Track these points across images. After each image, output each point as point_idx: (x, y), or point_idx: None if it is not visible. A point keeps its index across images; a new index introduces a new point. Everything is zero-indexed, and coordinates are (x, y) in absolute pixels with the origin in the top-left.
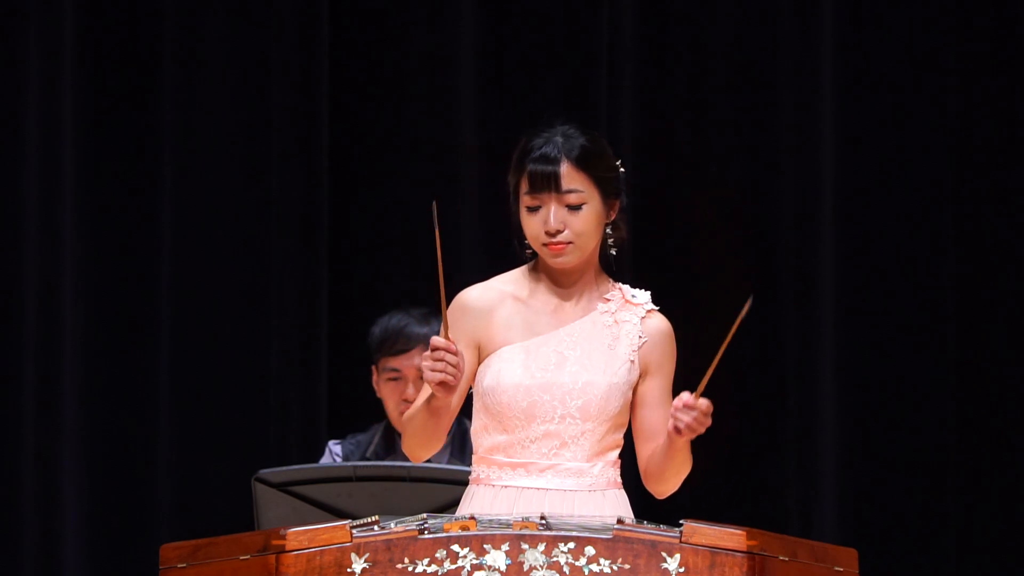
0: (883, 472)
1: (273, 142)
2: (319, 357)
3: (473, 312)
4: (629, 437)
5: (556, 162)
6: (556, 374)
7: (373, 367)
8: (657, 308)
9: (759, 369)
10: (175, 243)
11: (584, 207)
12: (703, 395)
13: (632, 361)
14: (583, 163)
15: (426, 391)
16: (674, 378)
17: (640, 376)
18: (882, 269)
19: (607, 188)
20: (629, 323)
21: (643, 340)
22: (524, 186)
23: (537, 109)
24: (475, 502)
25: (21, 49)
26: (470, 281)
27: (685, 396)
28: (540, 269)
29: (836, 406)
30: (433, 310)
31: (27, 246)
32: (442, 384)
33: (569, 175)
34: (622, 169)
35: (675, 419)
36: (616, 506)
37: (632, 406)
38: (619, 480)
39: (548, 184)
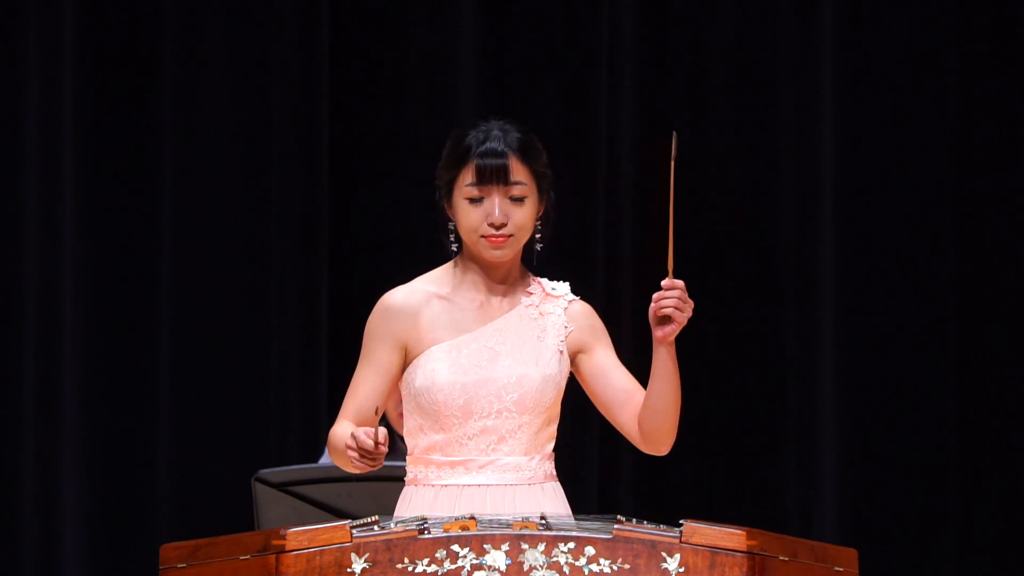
0: (883, 472)
1: (273, 142)
2: (319, 357)
3: (399, 315)
4: (562, 431)
5: (504, 155)
6: (490, 369)
7: None
8: (578, 298)
9: (759, 369)
10: (175, 243)
11: (526, 200)
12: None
13: (561, 352)
14: (525, 156)
15: (342, 435)
16: (645, 357)
17: (582, 355)
18: (882, 269)
19: (542, 184)
20: (553, 315)
21: (569, 329)
22: (468, 178)
23: (537, 109)
24: (414, 504)
25: (21, 49)
26: None
27: (664, 282)
28: (465, 266)
29: (836, 406)
30: None
31: (27, 246)
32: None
33: (515, 168)
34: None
35: (660, 306)
36: (554, 499)
37: (589, 385)
38: (555, 473)
39: (496, 176)
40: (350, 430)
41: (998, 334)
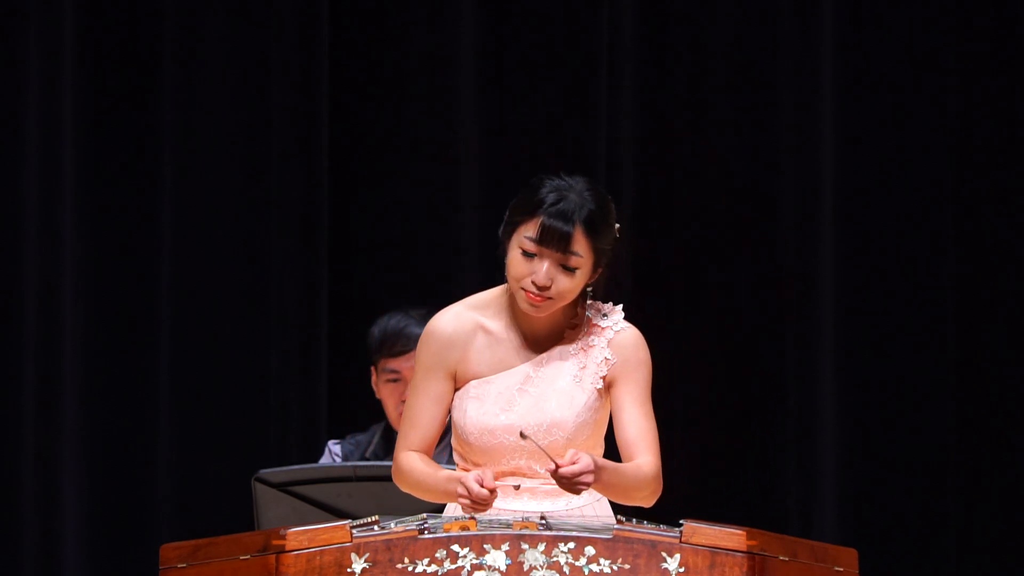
0: (883, 472)
1: (273, 142)
2: (319, 357)
3: (447, 344)
4: (611, 440)
5: (572, 223)
6: (522, 415)
7: (372, 368)
8: (628, 326)
9: (759, 369)
10: (175, 243)
11: (577, 272)
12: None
13: (599, 389)
14: (591, 232)
15: (439, 477)
16: (660, 379)
17: (613, 385)
18: (882, 269)
19: (599, 259)
20: (597, 348)
21: (612, 362)
22: (530, 231)
23: (537, 109)
24: (458, 510)
25: (21, 49)
26: (468, 282)
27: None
28: (512, 302)
29: (836, 406)
30: (433, 311)
31: (27, 246)
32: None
33: (578, 240)
34: (618, 236)
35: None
36: (600, 512)
37: (611, 413)
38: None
39: (557, 243)
40: (450, 473)
41: (998, 334)
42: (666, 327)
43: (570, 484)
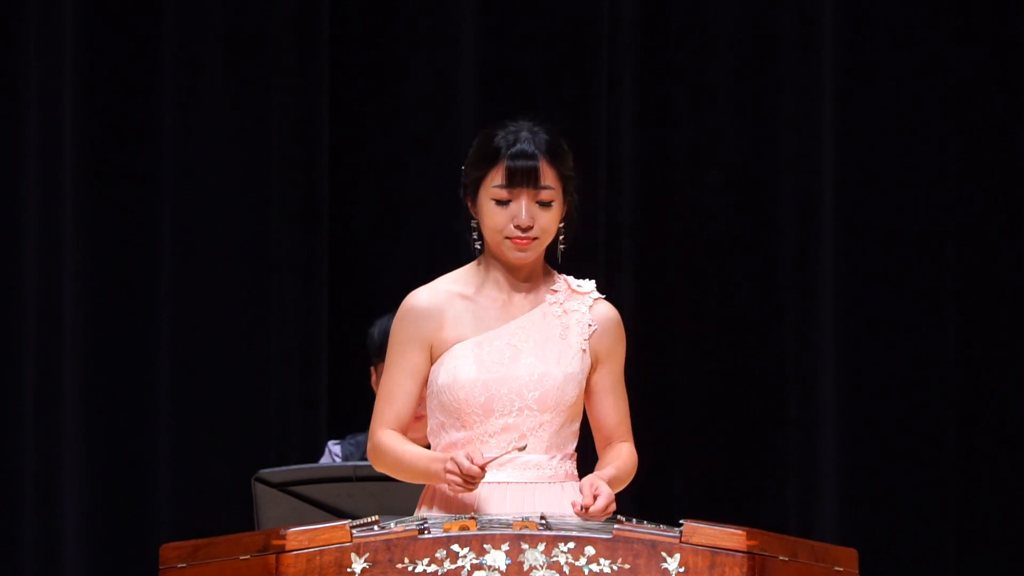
0: (883, 472)
1: (273, 142)
2: (319, 357)
3: (424, 315)
4: (585, 430)
5: (535, 158)
6: (511, 367)
7: (372, 368)
8: (603, 296)
9: (759, 369)
10: (175, 244)
11: (553, 204)
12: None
13: (584, 350)
14: (554, 159)
15: (422, 456)
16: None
17: (594, 364)
18: (882, 269)
19: (568, 186)
20: (578, 312)
21: (593, 328)
22: (497, 179)
23: (537, 109)
24: (437, 499)
25: (21, 50)
26: None
27: (578, 506)
28: (488, 265)
29: (836, 406)
30: None
31: (27, 249)
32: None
33: (545, 171)
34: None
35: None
36: (574, 499)
37: (585, 396)
38: (575, 473)
39: (527, 180)
40: (434, 453)
41: (998, 334)
42: (667, 327)
43: (600, 515)
